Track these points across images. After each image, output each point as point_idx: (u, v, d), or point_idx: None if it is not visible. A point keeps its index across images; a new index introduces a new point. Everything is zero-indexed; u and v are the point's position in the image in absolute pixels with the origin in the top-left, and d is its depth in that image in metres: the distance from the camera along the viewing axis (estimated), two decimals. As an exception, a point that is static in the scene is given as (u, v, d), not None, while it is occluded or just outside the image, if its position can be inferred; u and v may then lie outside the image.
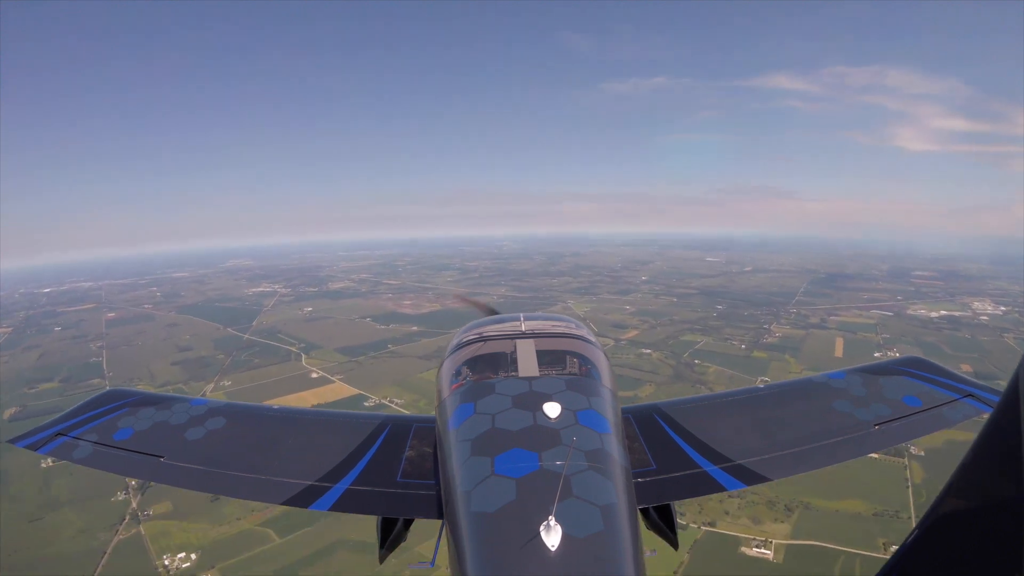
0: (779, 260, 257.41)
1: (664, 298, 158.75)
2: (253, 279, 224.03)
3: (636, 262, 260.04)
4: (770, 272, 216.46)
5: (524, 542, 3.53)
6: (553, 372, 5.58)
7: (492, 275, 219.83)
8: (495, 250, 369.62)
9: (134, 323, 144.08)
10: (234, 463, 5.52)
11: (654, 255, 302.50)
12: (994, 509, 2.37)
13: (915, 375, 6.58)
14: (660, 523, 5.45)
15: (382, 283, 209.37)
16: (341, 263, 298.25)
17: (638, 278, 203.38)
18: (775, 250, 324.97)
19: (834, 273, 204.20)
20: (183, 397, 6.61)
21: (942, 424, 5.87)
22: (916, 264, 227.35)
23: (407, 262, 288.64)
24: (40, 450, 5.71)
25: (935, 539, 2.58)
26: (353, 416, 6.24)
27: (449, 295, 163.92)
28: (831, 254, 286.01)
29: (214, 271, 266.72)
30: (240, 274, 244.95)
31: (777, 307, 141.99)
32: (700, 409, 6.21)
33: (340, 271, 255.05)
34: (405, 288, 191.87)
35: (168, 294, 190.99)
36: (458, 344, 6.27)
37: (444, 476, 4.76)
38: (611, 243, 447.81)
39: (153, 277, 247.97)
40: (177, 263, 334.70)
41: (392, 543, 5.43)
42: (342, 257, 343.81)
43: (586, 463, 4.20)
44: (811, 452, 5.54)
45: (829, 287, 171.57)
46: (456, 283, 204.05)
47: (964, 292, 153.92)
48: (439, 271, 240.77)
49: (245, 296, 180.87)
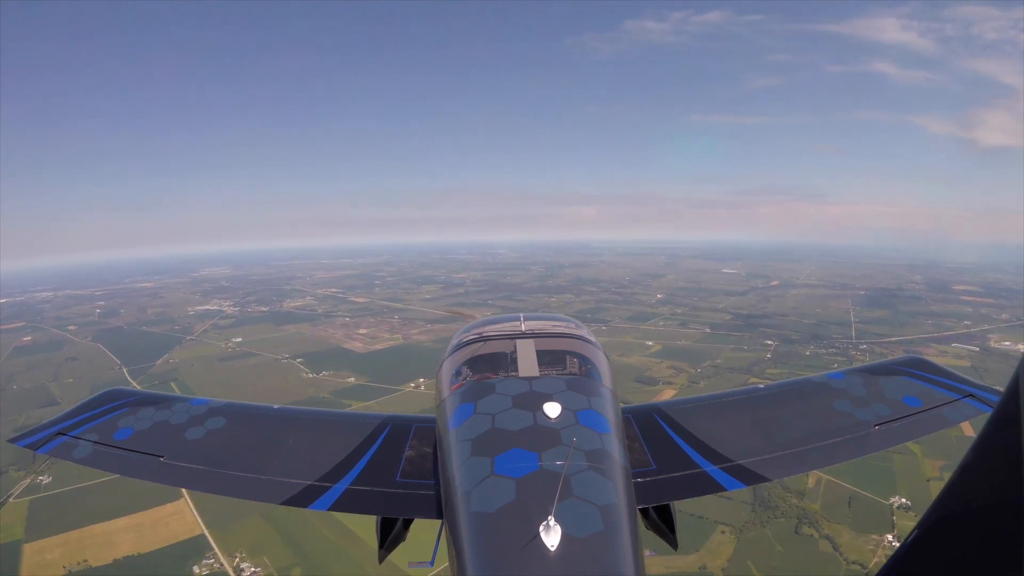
0: (801, 271, 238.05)
1: (694, 327, 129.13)
2: (208, 293, 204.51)
3: (646, 275, 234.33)
4: (800, 287, 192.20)
5: (524, 542, 3.54)
6: (553, 372, 5.59)
7: (480, 290, 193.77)
8: (489, 258, 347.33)
9: (44, 351, 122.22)
10: (234, 463, 5.51)
11: (664, 266, 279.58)
12: (994, 509, 2.34)
13: (915, 375, 6.56)
14: (660, 523, 5.49)
15: (348, 300, 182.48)
16: (317, 273, 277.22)
17: (652, 296, 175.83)
18: (791, 258, 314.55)
19: (874, 289, 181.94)
20: (183, 397, 6.61)
21: (942, 424, 5.87)
22: (946, 275, 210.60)
23: (389, 272, 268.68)
24: (40, 450, 5.74)
25: (935, 539, 2.56)
26: (353, 416, 6.25)
27: (417, 320, 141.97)
28: (853, 264, 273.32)
29: (180, 281, 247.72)
30: (201, 286, 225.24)
31: (838, 340, 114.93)
32: (700, 409, 6.18)
33: (310, 284, 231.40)
34: (370, 309, 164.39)
35: (108, 312, 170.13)
36: (458, 344, 6.23)
37: (444, 476, 4.76)
38: (614, 250, 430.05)
39: (113, 287, 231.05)
40: (153, 269, 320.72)
41: (392, 543, 5.44)
42: (324, 266, 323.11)
43: (586, 463, 4.21)
44: (811, 452, 5.53)
45: (878, 306, 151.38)
46: (435, 300, 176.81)
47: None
48: (420, 285, 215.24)
49: (183, 317, 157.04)
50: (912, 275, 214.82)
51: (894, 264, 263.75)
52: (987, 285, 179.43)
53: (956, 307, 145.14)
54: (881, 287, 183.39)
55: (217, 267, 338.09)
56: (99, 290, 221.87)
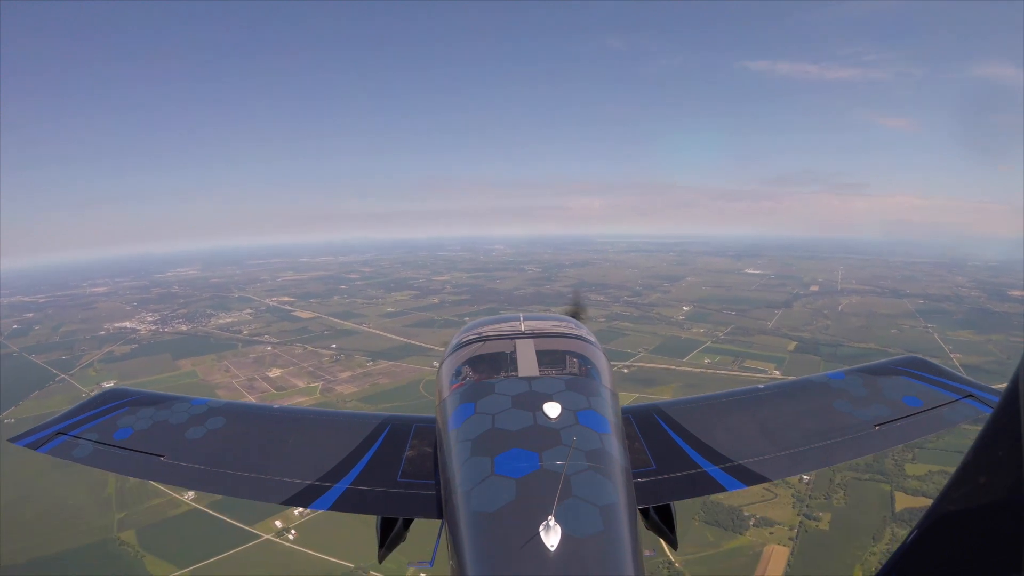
0: (832, 271, 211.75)
1: (753, 366, 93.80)
2: (143, 303, 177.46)
3: (659, 277, 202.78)
4: (847, 294, 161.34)
5: (524, 542, 3.55)
6: (553, 372, 5.55)
7: (459, 299, 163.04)
8: (482, 256, 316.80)
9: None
10: (235, 462, 5.51)
11: (676, 265, 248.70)
12: (994, 509, 2.32)
13: (915, 375, 6.54)
14: (660, 523, 5.51)
15: (291, 315, 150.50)
16: (284, 275, 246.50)
17: (676, 308, 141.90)
18: (811, 255, 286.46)
19: (931, 297, 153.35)
20: (183, 396, 6.59)
21: (942, 424, 5.86)
22: (984, 275, 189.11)
23: (363, 274, 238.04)
24: (40, 449, 5.74)
25: (935, 539, 2.54)
26: (353, 416, 6.22)
27: (358, 351, 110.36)
28: (882, 262, 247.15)
29: (135, 285, 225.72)
30: (149, 292, 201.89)
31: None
32: (700, 409, 6.18)
33: (265, 290, 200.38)
34: (307, 331, 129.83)
35: (23, 327, 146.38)
36: (458, 344, 6.19)
37: (444, 476, 4.76)
38: (616, 246, 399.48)
39: (62, 293, 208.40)
40: (122, 270, 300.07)
41: (392, 542, 5.47)
42: (298, 265, 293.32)
43: (586, 463, 4.21)
44: (811, 452, 5.52)
45: (952, 323, 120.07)
46: (397, 316, 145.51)
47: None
48: (390, 292, 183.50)
49: (89, 339, 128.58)
50: (951, 275, 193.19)
51: (921, 262, 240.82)
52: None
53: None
54: (936, 295, 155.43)
55: (185, 267, 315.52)
56: (44, 296, 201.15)
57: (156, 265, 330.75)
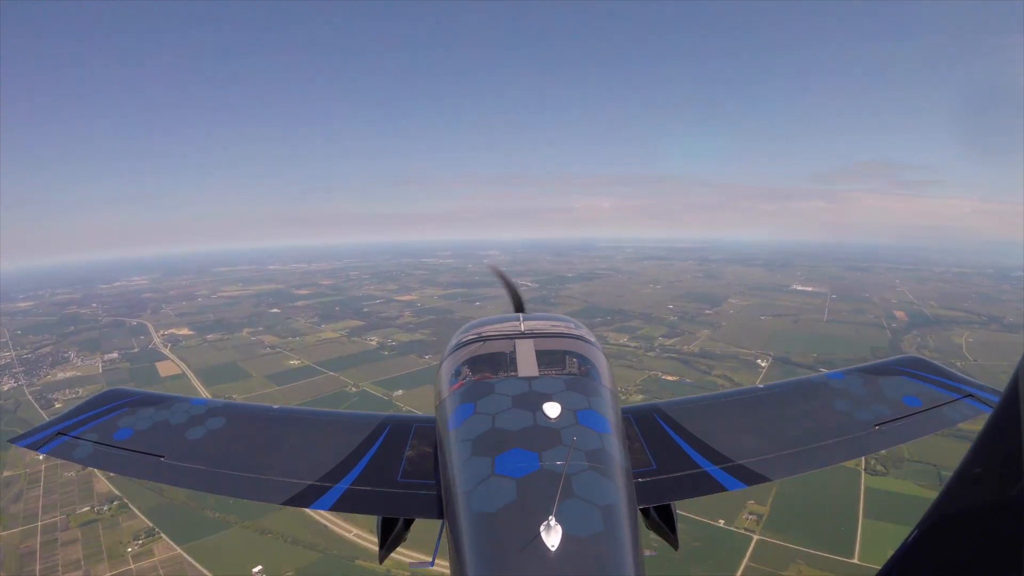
0: (894, 288, 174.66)
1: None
2: (33, 330, 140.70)
3: (693, 297, 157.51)
4: (951, 326, 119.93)
5: (524, 542, 3.57)
6: (553, 372, 5.56)
7: (410, 338, 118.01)
8: (472, 264, 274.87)
9: None
10: (235, 463, 5.50)
11: (704, 278, 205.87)
12: (994, 509, 2.33)
13: (915, 375, 6.57)
14: (660, 523, 5.51)
15: (157, 365, 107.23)
16: (225, 289, 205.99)
17: (750, 365, 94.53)
18: (846, 264, 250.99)
19: (1000, 322, 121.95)
20: (183, 397, 6.60)
21: (942, 424, 5.88)
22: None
23: (318, 290, 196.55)
24: (40, 450, 5.74)
25: (935, 539, 2.54)
26: (354, 416, 6.23)
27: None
28: (935, 276, 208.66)
29: (59, 300, 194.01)
30: (61, 312, 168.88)
31: None
32: (700, 409, 6.21)
33: (181, 313, 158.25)
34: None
35: None
36: (457, 344, 6.18)
37: (444, 476, 4.76)
38: (624, 251, 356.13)
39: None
40: (77, 278, 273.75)
41: (392, 543, 5.45)
42: (262, 275, 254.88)
43: (586, 463, 4.22)
44: (811, 452, 5.56)
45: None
46: (289, 382, 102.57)
47: None
48: (327, 320, 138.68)
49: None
50: (997, 286, 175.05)
51: (967, 272, 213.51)
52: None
53: None
54: (995, 316, 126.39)
55: (140, 275, 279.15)
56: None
57: (113, 272, 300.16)
